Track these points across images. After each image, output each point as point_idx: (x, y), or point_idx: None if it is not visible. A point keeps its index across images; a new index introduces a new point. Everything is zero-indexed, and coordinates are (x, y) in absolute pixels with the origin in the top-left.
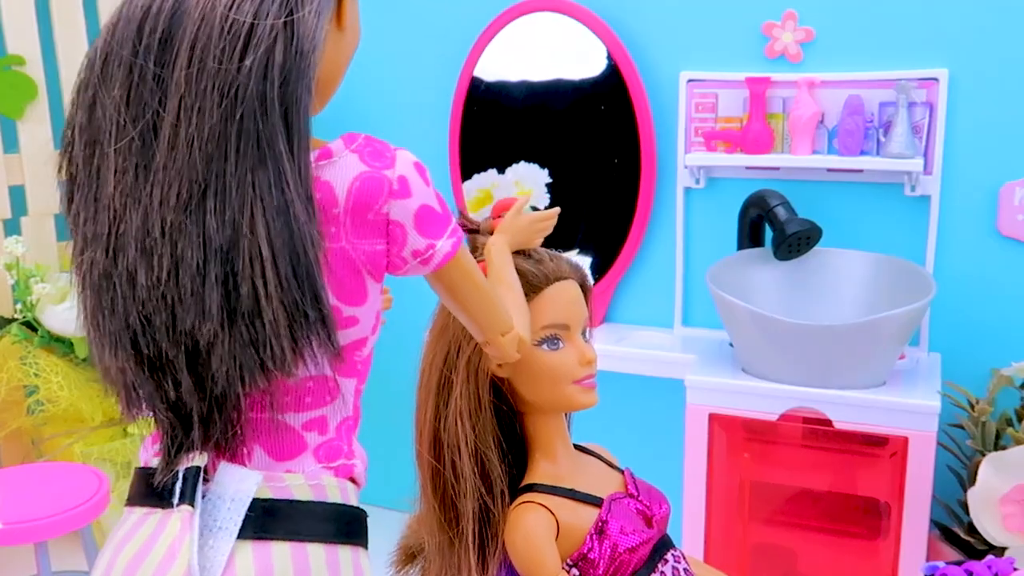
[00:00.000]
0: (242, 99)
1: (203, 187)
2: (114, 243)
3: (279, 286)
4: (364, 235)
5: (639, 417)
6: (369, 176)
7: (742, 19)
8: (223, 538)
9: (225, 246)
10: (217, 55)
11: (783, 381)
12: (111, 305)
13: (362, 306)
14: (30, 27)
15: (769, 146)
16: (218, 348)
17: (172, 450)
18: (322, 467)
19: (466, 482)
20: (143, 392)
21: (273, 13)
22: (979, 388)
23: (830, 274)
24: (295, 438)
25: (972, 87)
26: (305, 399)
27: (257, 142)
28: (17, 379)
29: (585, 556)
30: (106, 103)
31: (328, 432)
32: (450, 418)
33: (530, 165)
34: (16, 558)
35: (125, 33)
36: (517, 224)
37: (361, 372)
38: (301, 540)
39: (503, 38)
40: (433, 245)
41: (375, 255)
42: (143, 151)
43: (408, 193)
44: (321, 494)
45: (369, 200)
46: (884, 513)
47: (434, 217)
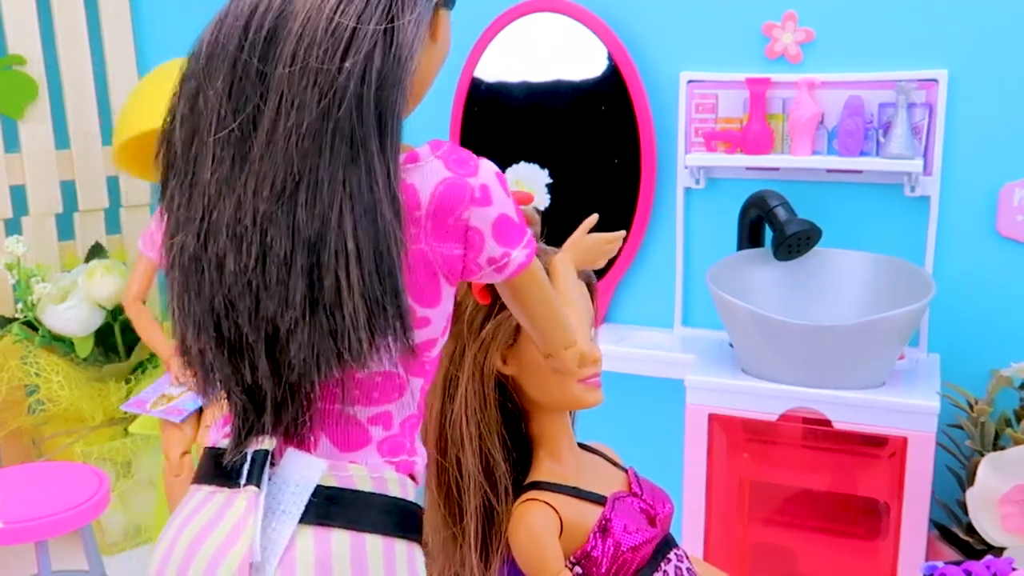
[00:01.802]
0: (340, 99)
1: (296, 180)
2: (206, 228)
3: (361, 280)
4: (444, 239)
5: (639, 417)
6: (453, 182)
7: (742, 20)
8: (286, 521)
9: (313, 238)
10: (319, 55)
11: (783, 381)
12: (198, 288)
13: (435, 308)
14: (31, 27)
15: (769, 147)
16: (298, 335)
17: (243, 432)
18: (385, 461)
19: (470, 479)
20: (220, 374)
21: (376, 19)
22: (978, 388)
23: (830, 274)
24: (361, 431)
25: (972, 88)
26: (373, 394)
27: (351, 141)
28: (18, 379)
29: (588, 554)
30: (208, 94)
31: (392, 428)
32: (455, 415)
33: (530, 165)
34: (16, 558)
35: (232, 29)
36: (583, 243)
37: (428, 372)
38: (360, 530)
39: (503, 39)
40: (508, 254)
41: (452, 259)
42: (241, 142)
43: (489, 201)
44: (382, 487)
45: (451, 205)
46: (883, 513)
47: (511, 226)
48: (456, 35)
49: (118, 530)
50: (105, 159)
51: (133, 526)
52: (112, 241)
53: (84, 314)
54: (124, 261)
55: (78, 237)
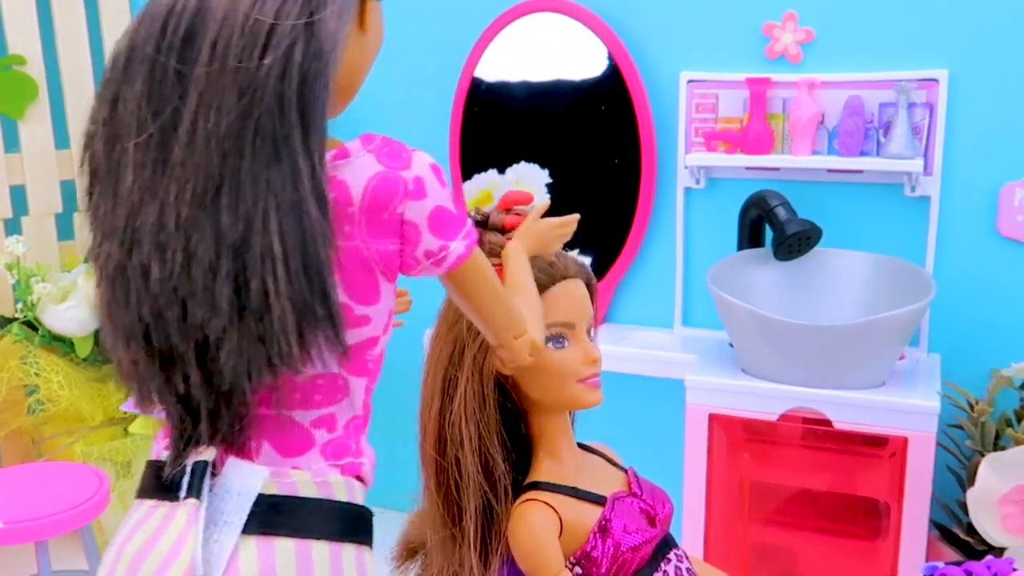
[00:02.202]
0: (260, 97)
1: (218, 183)
2: (130, 237)
3: (289, 283)
4: (378, 235)
5: (639, 417)
6: (385, 176)
7: (742, 19)
8: (228, 532)
9: (237, 242)
10: (237, 54)
11: (783, 381)
12: (125, 298)
13: (374, 305)
14: (31, 27)
15: (769, 146)
16: (227, 343)
17: (181, 443)
18: (329, 465)
19: (470, 479)
20: (153, 385)
21: (294, 14)
22: (979, 388)
23: (830, 274)
24: (303, 435)
25: (972, 87)
26: (314, 396)
27: (273, 140)
28: (17, 379)
29: (588, 554)
30: (128, 99)
31: (336, 430)
32: (455, 416)
33: (530, 165)
34: (16, 558)
35: (149, 31)
36: (535, 229)
37: (372, 371)
38: (305, 537)
39: (504, 38)
40: (447, 246)
41: (388, 255)
42: (162, 146)
43: (423, 194)
44: (327, 492)
45: (385, 200)
46: (884, 513)
47: (448, 218)
48: (456, 35)
49: (118, 530)
50: None
51: None
52: None
53: (84, 314)
54: None
55: (78, 237)
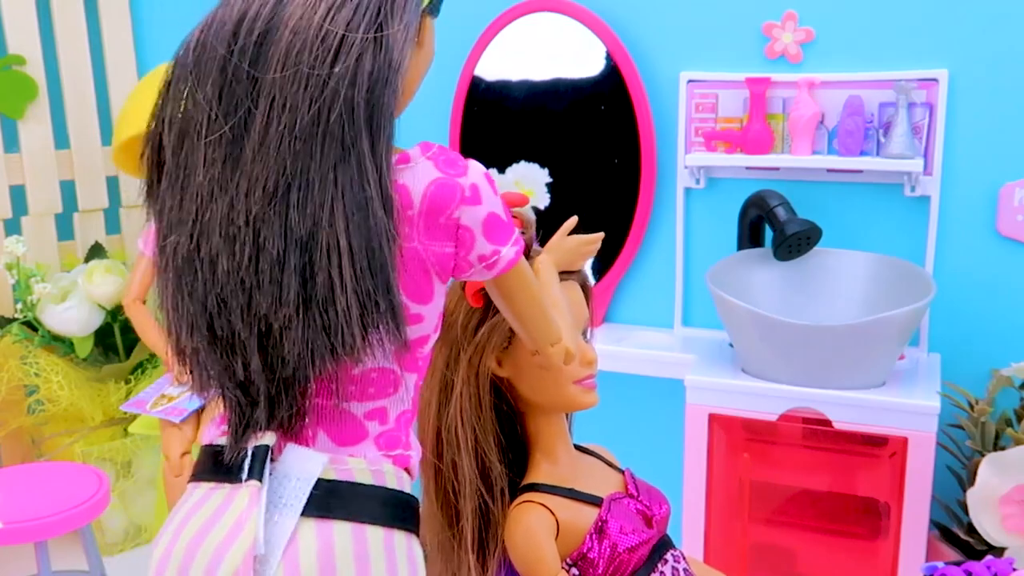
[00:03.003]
0: (330, 102)
1: (288, 181)
2: (199, 229)
3: (353, 277)
4: (435, 237)
5: (639, 417)
6: (444, 182)
7: (742, 19)
8: (288, 514)
9: (305, 237)
10: (310, 61)
11: (783, 381)
12: (191, 288)
13: (428, 304)
14: (31, 27)
15: (769, 146)
16: (292, 332)
17: (240, 429)
18: (382, 454)
19: (466, 482)
20: (214, 371)
21: (364, 26)
22: (979, 388)
23: (830, 274)
24: (357, 426)
25: (972, 87)
26: (369, 389)
27: (342, 142)
28: (17, 379)
29: (585, 555)
30: (198, 97)
31: (388, 422)
32: (451, 418)
33: (530, 165)
34: (16, 558)
35: (221, 34)
36: (565, 245)
37: (421, 368)
38: (361, 521)
39: (503, 38)
40: (498, 251)
41: (444, 257)
42: (233, 144)
43: (479, 200)
44: (381, 480)
45: (442, 204)
46: (884, 513)
47: (500, 225)
48: (456, 34)
49: (118, 530)
50: (105, 159)
51: (133, 526)
52: (112, 241)
53: (84, 314)
54: (124, 261)
55: (78, 237)
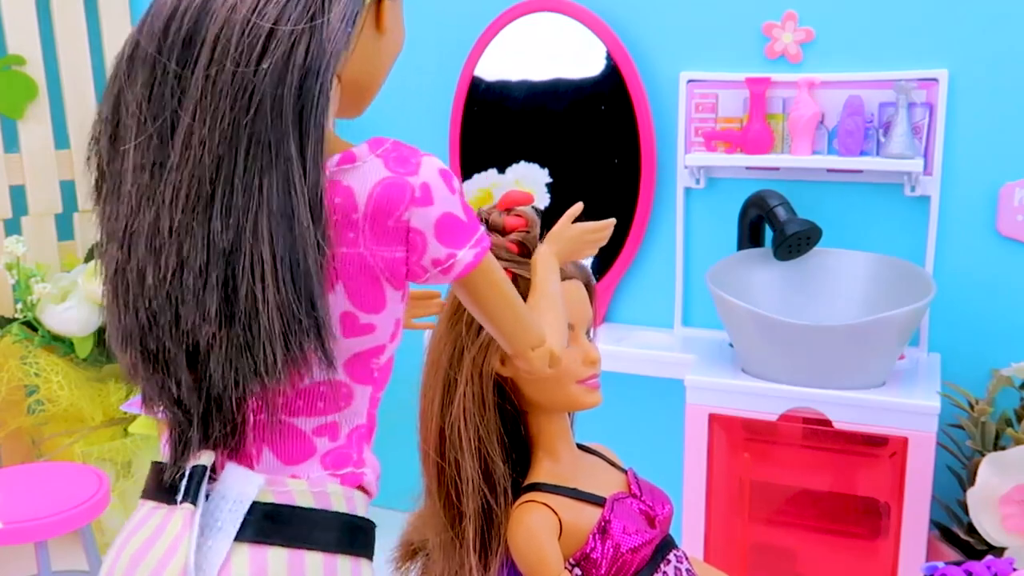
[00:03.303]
0: (256, 102)
1: (211, 189)
2: (128, 240)
3: (276, 291)
4: (384, 242)
5: (639, 417)
6: (391, 182)
7: (742, 19)
8: (221, 539)
9: (228, 249)
10: (235, 57)
11: (783, 381)
12: (124, 300)
13: (379, 313)
14: (31, 27)
15: (769, 146)
16: (216, 349)
17: (179, 447)
18: (328, 474)
19: (469, 481)
20: (150, 387)
21: (294, 19)
22: (979, 388)
23: (830, 274)
24: (305, 443)
25: (972, 87)
26: (318, 403)
27: (268, 145)
28: (17, 379)
29: (588, 556)
30: (129, 99)
31: (339, 439)
32: (454, 417)
33: (530, 165)
34: (16, 558)
35: (152, 30)
36: (568, 234)
37: (377, 380)
38: (299, 547)
39: (503, 38)
40: (454, 255)
41: (394, 262)
42: (160, 149)
43: (430, 201)
44: (324, 502)
45: (390, 207)
46: (884, 513)
47: (457, 226)
48: (456, 34)
49: (118, 530)
50: None
51: None
52: None
53: (84, 314)
54: None
55: (78, 237)
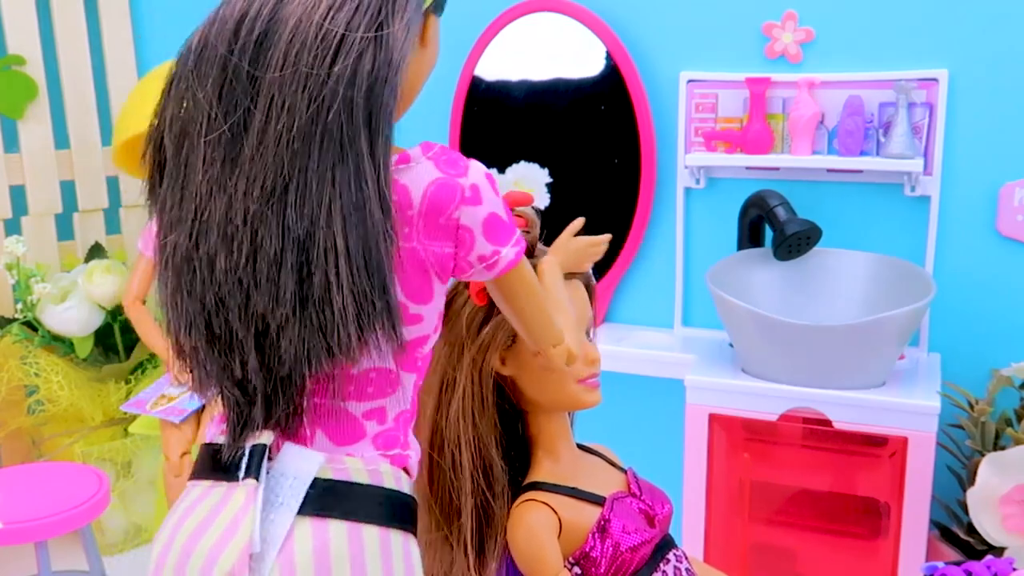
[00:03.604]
0: (329, 102)
1: (286, 181)
2: (197, 228)
3: (350, 276)
4: (435, 237)
5: (639, 417)
6: (444, 182)
7: (742, 19)
8: (284, 513)
9: (302, 237)
10: (309, 60)
11: (783, 381)
12: (189, 287)
13: (427, 304)
14: (31, 27)
15: (769, 146)
16: (288, 331)
17: (238, 427)
18: (380, 454)
19: (467, 480)
20: (212, 370)
21: (364, 26)
22: (979, 388)
23: (830, 274)
24: (355, 425)
25: (972, 87)
26: (367, 389)
27: (340, 142)
28: (17, 379)
29: (587, 554)
30: (199, 96)
31: (387, 422)
32: (452, 416)
33: (530, 165)
34: (16, 558)
35: (222, 33)
36: (571, 247)
37: (420, 368)
38: (357, 520)
39: (503, 38)
40: (498, 251)
41: (443, 257)
42: (232, 144)
43: (479, 200)
44: (378, 479)
45: (442, 204)
46: (884, 513)
47: (501, 225)
48: (456, 34)
49: (118, 530)
50: (105, 159)
51: (133, 526)
52: (112, 241)
53: (84, 314)
54: (124, 261)
55: (78, 237)
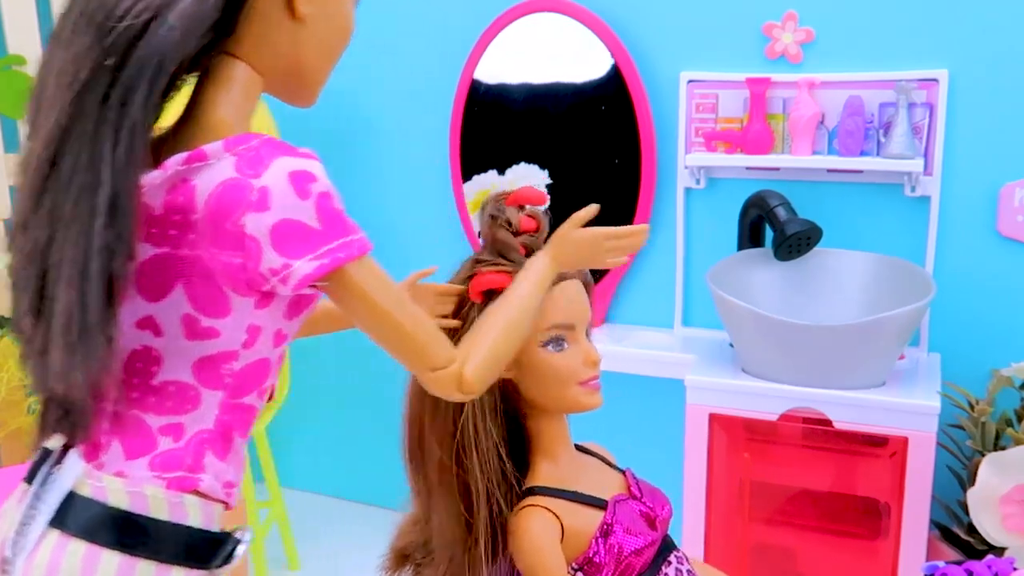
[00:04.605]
0: (87, 81)
1: (44, 186)
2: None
3: (68, 293)
4: (222, 246)
5: (639, 417)
6: (232, 184)
7: (742, 20)
8: (38, 522)
9: (41, 247)
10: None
11: (783, 381)
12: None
13: (223, 319)
14: (30, 27)
15: (769, 146)
16: (31, 345)
17: (40, 429)
18: (154, 475)
19: (481, 488)
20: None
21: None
22: (979, 388)
23: (830, 274)
24: (149, 440)
25: (972, 87)
26: (167, 403)
27: (89, 136)
28: (17, 379)
29: (590, 559)
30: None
31: (180, 441)
32: (464, 425)
33: (530, 166)
34: None
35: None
36: (574, 237)
37: (230, 386)
38: (97, 543)
39: (504, 39)
40: (289, 265)
41: (232, 268)
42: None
43: (266, 206)
44: (140, 503)
45: (226, 210)
46: (884, 513)
47: (300, 234)
48: (456, 36)
49: None
50: None
51: None
52: None
53: None
54: None
55: None
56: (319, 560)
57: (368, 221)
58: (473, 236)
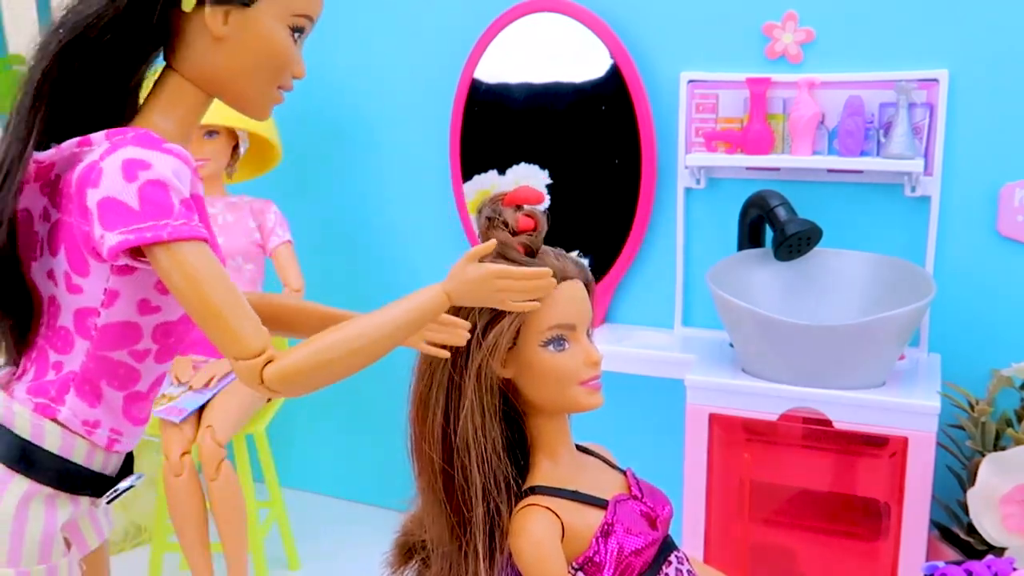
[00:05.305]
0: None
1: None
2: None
3: None
4: (78, 216)
5: (639, 417)
6: (89, 165)
7: (742, 20)
8: None
9: None
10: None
11: (783, 381)
12: None
13: (85, 278)
14: (31, 27)
15: (769, 147)
16: None
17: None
18: (27, 397)
19: (480, 488)
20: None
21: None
22: (979, 388)
23: (830, 274)
24: (45, 369)
25: (972, 87)
26: (57, 343)
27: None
28: None
29: (591, 559)
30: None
31: (55, 375)
32: (462, 424)
33: (530, 166)
34: None
35: None
36: (468, 274)
37: (95, 339)
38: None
39: (504, 39)
40: (103, 235)
41: (84, 235)
42: None
43: (97, 183)
44: (8, 419)
45: (79, 185)
46: (884, 513)
47: (119, 211)
48: (456, 36)
49: (118, 530)
50: None
51: (133, 526)
52: None
53: None
54: None
55: None
56: (319, 560)
57: (368, 221)
58: (473, 236)
